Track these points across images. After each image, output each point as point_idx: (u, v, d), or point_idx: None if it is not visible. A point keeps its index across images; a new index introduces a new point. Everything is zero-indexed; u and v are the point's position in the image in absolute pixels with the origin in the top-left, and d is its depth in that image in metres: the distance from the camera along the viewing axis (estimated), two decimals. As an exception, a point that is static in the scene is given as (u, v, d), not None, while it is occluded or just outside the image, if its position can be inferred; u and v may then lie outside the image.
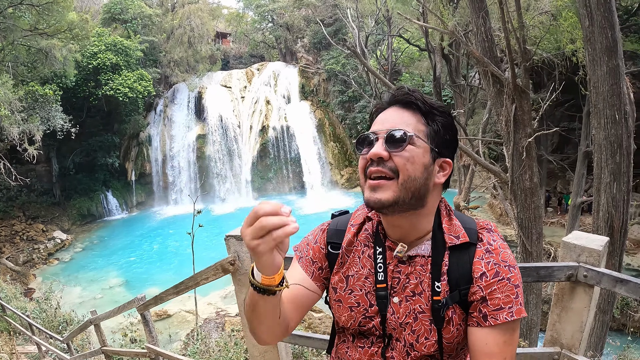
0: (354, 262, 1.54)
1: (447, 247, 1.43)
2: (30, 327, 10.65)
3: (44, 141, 26.46)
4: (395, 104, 1.44)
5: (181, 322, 18.03)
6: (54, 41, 25.27)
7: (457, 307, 1.40)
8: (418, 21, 14.98)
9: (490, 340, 1.34)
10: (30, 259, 27.36)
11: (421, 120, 1.41)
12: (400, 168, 1.34)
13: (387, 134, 1.36)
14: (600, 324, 7.07)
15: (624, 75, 6.18)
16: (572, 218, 18.08)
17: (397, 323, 1.45)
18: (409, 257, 1.46)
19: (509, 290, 1.34)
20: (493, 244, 1.41)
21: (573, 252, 1.92)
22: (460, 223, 1.47)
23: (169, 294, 3.76)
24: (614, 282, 1.79)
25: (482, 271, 1.37)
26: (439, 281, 1.40)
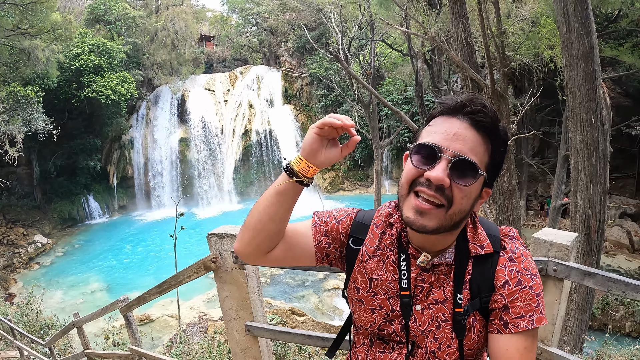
0: (378, 265, 1.52)
1: (471, 257, 1.43)
2: (12, 332, 10.52)
3: (24, 143, 26.17)
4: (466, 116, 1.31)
5: (164, 327, 17.92)
6: (36, 41, 25.04)
7: (477, 314, 1.41)
8: (401, 27, 15.13)
9: (511, 346, 1.35)
10: (10, 264, 26.93)
11: (488, 149, 1.34)
12: (456, 201, 1.29)
13: (454, 158, 1.26)
14: (579, 322, 7.21)
15: (600, 80, 6.34)
16: (552, 220, 18.32)
17: (419, 330, 1.45)
18: (432, 265, 1.44)
19: (531, 298, 1.35)
20: (516, 252, 1.41)
21: (543, 247, 2.00)
22: (484, 232, 1.45)
23: (152, 293, 3.77)
24: (582, 275, 1.88)
25: (505, 279, 1.37)
26: (460, 293, 1.40)
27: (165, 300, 19.56)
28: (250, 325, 2.64)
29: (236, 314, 2.68)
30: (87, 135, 34.65)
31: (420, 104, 19.70)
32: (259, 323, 2.66)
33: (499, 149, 1.36)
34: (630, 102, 23.91)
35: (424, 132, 1.37)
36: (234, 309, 2.67)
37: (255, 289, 2.65)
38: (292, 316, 16.14)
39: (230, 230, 2.51)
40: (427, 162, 1.29)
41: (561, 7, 6.21)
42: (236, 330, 2.71)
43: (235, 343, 2.73)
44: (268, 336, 2.68)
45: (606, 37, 18.56)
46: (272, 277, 22.82)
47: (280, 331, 2.63)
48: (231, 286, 2.64)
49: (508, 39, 11.71)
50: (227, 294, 2.66)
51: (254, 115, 39.36)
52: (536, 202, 27.78)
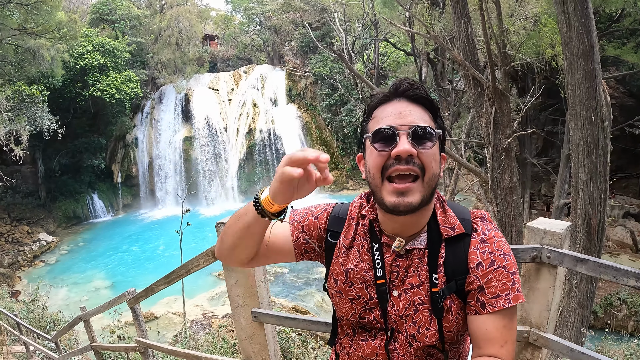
0: (353, 256, 1.56)
1: (443, 239, 1.46)
2: (18, 327, 10.62)
3: (29, 142, 26.27)
4: (401, 96, 1.41)
5: (168, 324, 18.01)
6: (42, 41, 25.15)
7: (454, 297, 1.44)
8: (404, 26, 15.19)
9: (490, 326, 1.38)
10: (15, 261, 27.08)
11: (430, 117, 1.42)
12: (427, 166, 1.35)
13: (411, 129, 1.34)
14: (579, 318, 7.26)
15: (600, 79, 6.40)
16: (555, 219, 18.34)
17: (398, 316, 1.48)
18: (406, 250, 1.48)
19: (505, 278, 1.38)
20: (488, 233, 1.45)
21: (537, 236, 2.08)
22: (454, 214, 1.50)
23: (159, 284, 3.85)
24: (574, 262, 1.96)
25: (478, 261, 1.41)
26: (436, 273, 1.44)
27: (169, 298, 19.67)
28: (256, 311, 2.71)
29: (243, 301, 2.75)
30: (92, 134, 34.76)
31: (423, 103, 19.69)
32: (265, 310, 2.73)
33: (437, 114, 1.45)
34: (634, 101, 23.85)
35: (371, 125, 1.44)
36: (240, 296, 2.75)
37: (261, 277, 2.73)
38: (296, 314, 16.27)
39: None
40: (389, 143, 1.35)
41: (561, 6, 6.28)
42: (243, 317, 2.78)
43: (241, 330, 2.81)
44: (274, 322, 2.76)
45: (609, 36, 18.57)
46: (276, 276, 22.89)
47: (286, 317, 2.71)
48: (238, 274, 2.71)
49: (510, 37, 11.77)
50: (235, 282, 2.74)
51: (258, 115, 39.38)
52: (540, 201, 27.74)
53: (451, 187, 18.71)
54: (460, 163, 10.48)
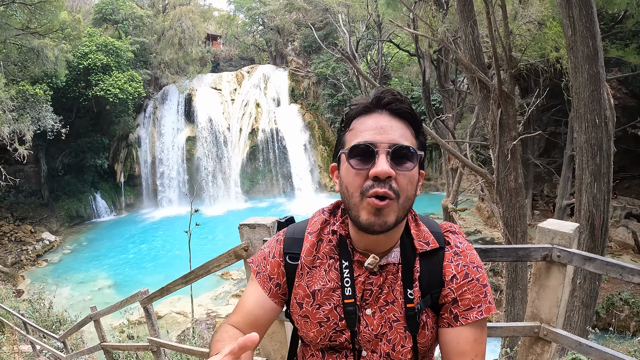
0: (319, 276, 1.49)
1: (418, 253, 1.44)
2: (24, 326, 10.70)
3: (33, 141, 26.28)
4: (384, 109, 1.35)
5: (172, 324, 18.12)
6: (45, 40, 25.23)
7: (429, 311, 1.43)
8: (408, 27, 15.26)
9: (462, 339, 1.38)
10: (18, 261, 27.15)
11: (412, 133, 1.37)
12: (402, 189, 1.30)
13: (391, 148, 1.28)
14: (583, 317, 7.35)
15: (604, 82, 6.50)
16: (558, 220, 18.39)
17: (372, 335, 1.44)
18: (380, 267, 1.44)
19: (478, 290, 1.39)
20: (460, 246, 1.45)
21: (547, 236, 2.18)
22: (427, 228, 1.48)
23: (177, 284, 3.86)
24: (583, 260, 2.06)
25: (453, 274, 1.40)
26: (411, 288, 1.41)
27: (173, 298, 19.77)
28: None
29: None
30: (95, 134, 34.86)
31: (427, 103, 19.81)
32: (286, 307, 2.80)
33: (420, 129, 1.39)
34: (636, 102, 23.88)
35: (348, 137, 1.38)
36: None
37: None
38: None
39: (260, 221, 2.67)
40: (367, 161, 1.29)
41: (566, 11, 6.37)
42: None
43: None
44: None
45: (612, 37, 18.60)
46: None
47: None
48: (261, 273, 2.79)
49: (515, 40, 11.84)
50: (256, 278, 2.83)
51: (260, 115, 39.45)
52: (542, 202, 27.77)
53: (454, 187, 18.80)
54: (467, 164, 10.56)
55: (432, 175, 36.36)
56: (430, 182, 36.33)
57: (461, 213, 24.35)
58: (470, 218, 28.07)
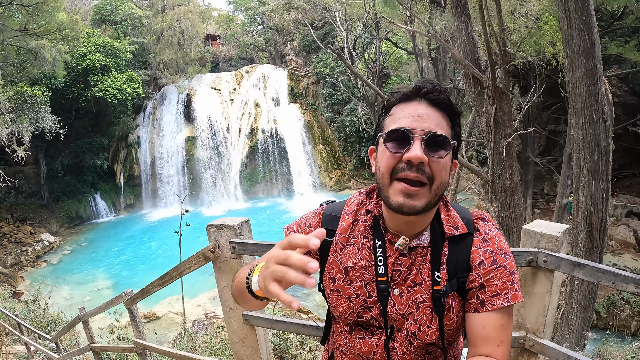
0: (352, 253, 1.55)
1: (447, 238, 1.48)
2: (19, 327, 10.63)
3: (32, 142, 26.25)
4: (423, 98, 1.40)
5: (170, 324, 18.02)
6: (43, 42, 25.14)
7: (455, 295, 1.46)
8: (405, 25, 15.12)
9: (488, 324, 1.40)
10: (18, 262, 27.09)
11: (448, 123, 1.42)
12: (436, 175, 1.35)
13: (426, 135, 1.34)
14: (581, 319, 7.20)
15: (601, 77, 6.34)
16: (557, 219, 18.25)
17: (399, 314, 1.48)
18: (409, 248, 1.49)
19: (505, 277, 1.41)
20: (489, 233, 1.47)
21: (533, 239, 2.03)
22: (457, 214, 1.52)
23: (154, 285, 3.82)
24: (572, 266, 1.90)
25: (480, 259, 1.43)
26: (438, 271, 1.45)
27: (171, 298, 19.67)
28: (247, 314, 2.69)
29: (234, 303, 2.70)
30: (94, 135, 34.77)
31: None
32: (255, 312, 2.70)
33: (456, 120, 1.44)
34: (637, 99, 23.70)
35: (387, 122, 1.44)
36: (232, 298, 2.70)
37: (253, 280, 2.69)
38: (298, 314, 16.22)
39: (228, 221, 2.57)
40: (402, 145, 1.34)
41: (562, 4, 6.21)
42: (234, 320, 2.76)
43: (233, 332, 2.79)
44: (264, 325, 2.74)
45: (612, 34, 18.47)
46: (277, 275, 22.85)
47: (276, 320, 2.69)
48: (229, 276, 2.68)
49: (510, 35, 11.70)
50: (226, 284, 2.72)
51: (260, 114, 39.35)
52: (542, 200, 27.64)
53: (453, 186, 18.66)
54: (461, 163, 10.41)
55: (432, 174, 36.17)
56: (430, 181, 36.12)
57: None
58: (469, 217, 27.88)
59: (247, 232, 2.60)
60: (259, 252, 2.45)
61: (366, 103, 23.73)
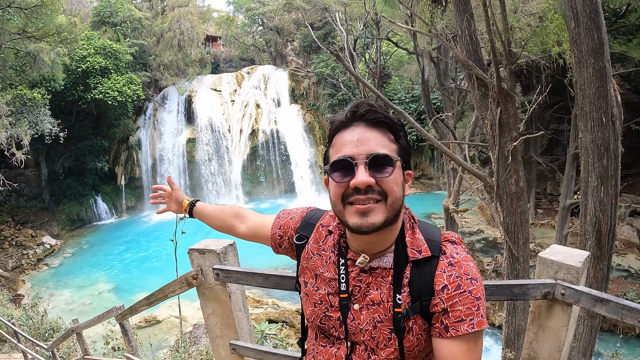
0: (321, 264, 1.61)
1: (410, 261, 1.46)
2: (16, 335, 10.50)
3: (32, 145, 26.27)
4: (359, 121, 1.42)
5: (170, 328, 17.94)
6: (42, 44, 25.05)
7: (418, 318, 1.44)
8: (406, 24, 14.92)
9: (454, 348, 1.38)
10: (19, 265, 27.06)
11: (391, 138, 1.43)
12: (389, 191, 1.37)
13: (368, 158, 1.36)
14: (588, 328, 7.02)
15: (610, 78, 6.12)
16: (561, 220, 18.09)
17: (358, 329, 1.50)
18: (371, 268, 1.50)
19: (471, 302, 1.37)
20: (456, 257, 1.44)
21: (550, 269, 1.81)
22: (423, 236, 1.49)
23: (142, 305, 3.76)
24: (593, 302, 1.69)
25: (444, 284, 1.40)
26: (399, 293, 1.44)
27: (172, 301, 19.46)
28: (234, 344, 2.54)
29: (221, 331, 2.59)
30: (95, 137, 34.86)
31: (426, 102, 19.53)
32: (244, 342, 2.56)
33: (399, 133, 1.47)
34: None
35: (331, 153, 1.48)
36: (218, 326, 2.58)
37: (240, 306, 2.54)
38: (299, 317, 16.04)
39: (212, 245, 2.40)
40: (347, 173, 1.39)
41: (569, 1, 6.01)
42: (222, 348, 2.62)
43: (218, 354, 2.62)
44: (253, 356, 2.59)
45: (615, 32, 18.27)
46: (279, 279, 22.73)
47: (266, 351, 2.52)
48: (214, 303, 2.54)
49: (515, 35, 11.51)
50: (211, 311, 2.56)
51: (261, 115, 39.33)
52: (545, 200, 27.51)
53: (455, 188, 18.48)
54: (465, 167, 10.20)
55: (434, 175, 36.18)
56: (432, 182, 36.13)
57: (462, 213, 24.00)
58: (472, 217, 27.77)
59: (232, 257, 2.42)
60: (244, 280, 2.27)
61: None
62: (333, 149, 1.46)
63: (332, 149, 1.47)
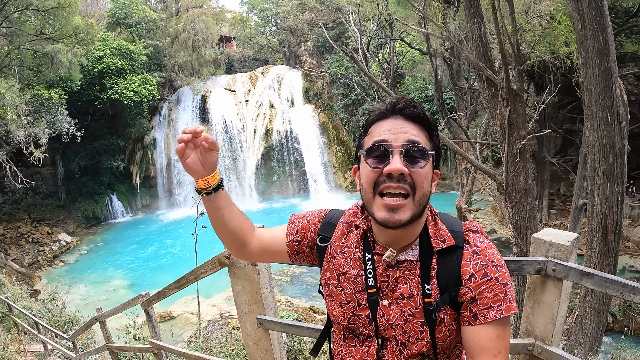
0: (345, 262, 1.59)
1: (435, 251, 1.47)
2: (36, 326, 10.77)
3: (49, 144, 26.64)
4: (398, 114, 1.43)
5: (185, 324, 18.13)
6: (59, 45, 25.49)
7: (448, 309, 1.45)
8: (418, 26, 15.07)
9: (483, 336, 1.39)
10: (35, 261, 27.54)
11: (426, 135, 1.44)
12: (418, 185, 1.38)
13: (404, 148, 1.37)
14: (595, 324, 7.13)
15: (616, 78, 6.27)
16: (573, 220, 18.09)
17: (388, 324, 1.49)
18: (397, 262, 1.49)
19: (498, 289, 1.39)
20: (480, 245, 1.46)
21: (542, 247, 2.03)
22: (446, 227, 1.51)
23: (171, 288, 3.90)
24: (580, 276, 1.90)
25: (471, 273, 1.42)
26: (428, 284, 1.44)
27: (186, 298, 19.79)
28: (261, 318, 2.75)
29: (249, 307, 2.79)
30: (110, 136, 35.28)
31: (439, 102, 19.61)
32: (270, 317, 2.76)
33: (433, 133, 1.47)
34: (654, 98, 23.36)
35: (366, 140, 1.48)
36: (246, 302, 2.79)
37: (266, 284, 2.76)
38: (312, 314, 16.24)
39: None
40: (382, 160, 1.38)
41: (576, 4, 6.17)
42: (249, 323, 2.82)
43: (247, 335, 2.85)
44: (278, 329, 2.79)
45: (627, 32, 18.22)
46: (292, 276, 22.90)
47: (290, 324, 2.74)
48: (244, 281, 2.75)
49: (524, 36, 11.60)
50: (240, 289, 2.77)
51: (274, 115, 39.52)
52: (559, 201, 27.38)
53: (468, 187, 18.57)
54: (475, 165, 10.36)
55: (447, 175, 36.10)
56: (446, 182, 36.06)
57: (475, 213, 24.02)
58: (485, 218, 27.77)
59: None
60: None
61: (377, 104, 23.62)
62: (368, 137, 1.47)
63: (367, 137, 1.48)
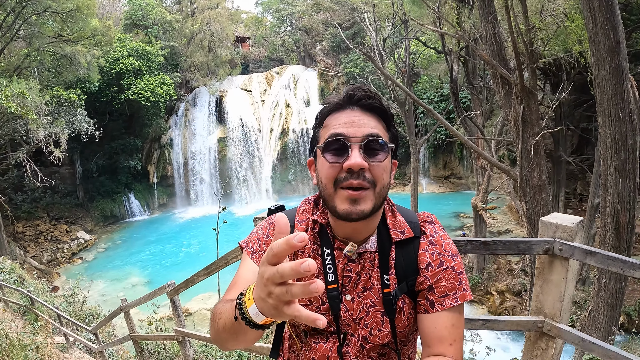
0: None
1: (393, 242, 1.49)
2: (58, 319, 11.01)
3: (67, 144, 27.01)
4: (355, 105, 1.40)
5: (202, 320, 18.37)
6: (77, 47, 25.93)
7: (405, 297, 1.47)
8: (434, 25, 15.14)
9: (439, 324, 1.42)
10: (54, 258, 28.06)
11: (384, 126, 1.43)
12: (378, 179, 1.35)
13: (364, 141, 1.34)
14: (608, 318, 7.18)
15: (627, 75, 6.37)
16: (589, 218, 17.95)
17: (352, 319, 1.48)
18: (357, 254, 1.48)
19: (453, 277, 1.44)
20: (435, 236, 1.49)
21: (549, 229, 2.18)
22: (403, 218, 1.53)
23: (200, 275, 4.03)
24: (584, 254, 2.05)
25: (428, 262, 1.45)
26: (387, 274, 1.46)
27: (204, 295, 20.06)
28: None
29: None
30: (128, 136, 35.72)
31: (455, 101, 19.58)
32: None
33: (391, 123, 1.46)
34: (672, 96, 23.10)
35: (322, 133, 1.44)
36: None
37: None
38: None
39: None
40: (341, 154, 1.35)
41: (587, 2, 6.26)
42: None
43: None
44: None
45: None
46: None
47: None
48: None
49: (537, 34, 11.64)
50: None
51: (290, 115, 39.71)
52: (575, 200, 27.16)
53: (484, 185, 18.57)
54: (490, 162, 10.44)
55: (463, 174, 36.00)
56: (462, 181, 35.97)
57: (491, 212, 23.94)
58: (501, 217, 27.70)
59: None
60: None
61: (396, 103, 23.70)
62: (324, 130, 1.43)
63: (323, 130, 1.44)
